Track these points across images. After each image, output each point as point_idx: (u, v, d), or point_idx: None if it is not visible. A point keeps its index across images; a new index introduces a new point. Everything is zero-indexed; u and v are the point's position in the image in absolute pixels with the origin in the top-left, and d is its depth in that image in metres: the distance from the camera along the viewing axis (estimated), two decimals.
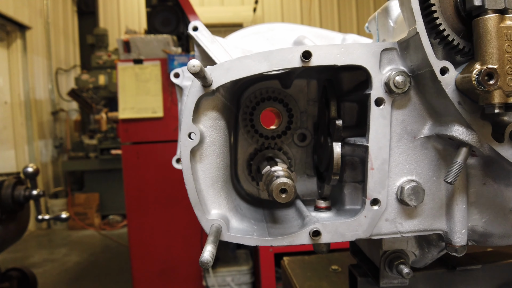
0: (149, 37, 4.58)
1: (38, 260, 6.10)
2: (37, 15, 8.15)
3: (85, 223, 7.53)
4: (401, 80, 0.81)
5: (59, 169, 8.55)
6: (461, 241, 0.86)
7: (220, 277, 4.15)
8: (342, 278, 1.72)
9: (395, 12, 1.02)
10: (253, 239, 0.85)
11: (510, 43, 0.69)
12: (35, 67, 8.05)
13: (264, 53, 0.82)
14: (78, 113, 8.90)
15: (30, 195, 2.20)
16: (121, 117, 4.25)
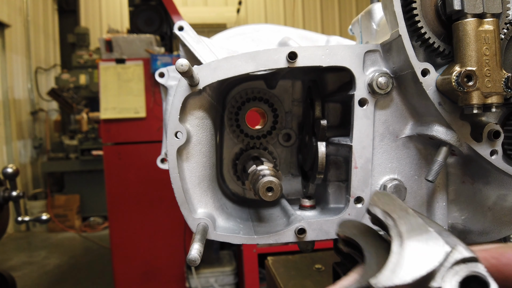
0: (132, 36, 4.54)
1: (17, 263, 5.97)
2: (16, 13, 7.97)
3: (65, 225, 7.40)
4: (384, 81, 0.83)
5: (39, 170, 8.37)
6: None
7: (203, 278, 4.14)
8: (325, 277, 1.75)
9: (378, 15, 1.05)
10: (239, 237, 0.86)
11: (488, 46, 0.71)
12: (14, 66, 7.87)
13: (251, 53, 0.83)
14: (58, 113, 8.74)
15: (10, 196, 2.15)
16: (103, 117, 4.19)
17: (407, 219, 0.47)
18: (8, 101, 7.59)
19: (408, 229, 0.46)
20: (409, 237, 0.45)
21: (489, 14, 0.72)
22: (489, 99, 0.72)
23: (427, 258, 0.43)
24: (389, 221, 0.48)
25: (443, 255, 0.43)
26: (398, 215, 0.48)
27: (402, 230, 0.46)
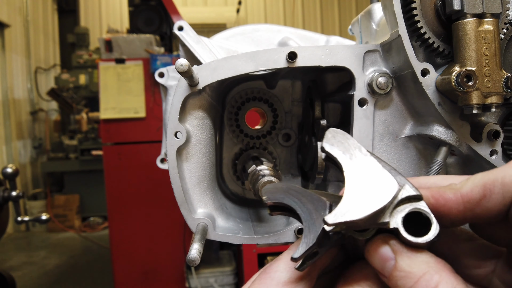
0: (132, 36, 4.54)
1: (17, 263, 5.97)
2: (16, 13, 7.97)
3: (65, 225, 7.40)
4: (383, 81, 0.83)
5: (38, 170, 8.37)
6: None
7: (203, 278, 4.14)
8: None
9: (378, 15, 1.05)
10: (239, 237, 0.86)
11: (488, 46, 0.71)
12: (13, 66, 7.87)
13: (251, 53, 0.83)
14: (58, 113, 8.74)
15: (9, 196, 2.15)
16: (103, 117, 4.20)
17: (360, 158, 0.49)
18: (8, 101, 7.59)
19: (361, 167, 0.48)
20: (362, 174, 0.47)
21: (488, 14, 0.72)
22: (489, 99, 0.72)
23: (378, 196, 0.45)
24: (342, 159, 0.49)
25: (393, 193, 0.45)
26: (351, 154, 0.49)
27: (355, 168, 0.48)
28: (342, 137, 0.51)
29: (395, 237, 0.46)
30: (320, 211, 0.49)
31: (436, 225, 0.44)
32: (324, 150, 0.51)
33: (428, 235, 0.44)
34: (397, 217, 0.45)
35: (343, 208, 0.45)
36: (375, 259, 0.46)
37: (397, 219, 0.45)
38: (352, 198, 0.46)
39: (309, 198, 0.51)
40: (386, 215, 0.45)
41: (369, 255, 0.47)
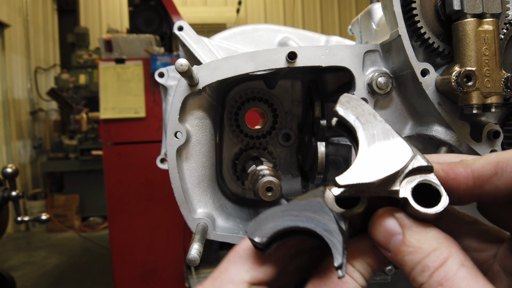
0: (132, 36, 4.54)
1: (17, 263, 5.97)
2: (16, 13, 7.97)
3: (65, 225, 7.40)
4: (383, 81, 0.83)
5: (38, 170, 8.37)
6: None
7: (203, 278, 4.13)
8: None
9: (378, 15, 1.05)
10: (239, 237, 0.86)
11: (488, 46, 0.71)
12: (13, 65, 7.87)
13: (251, 53, 0.83)
14: (58, 113, 8.73)
15: (9, 196, 2.15)
16: (103, 117, 4.19)
17: (375, 124, 0.47)
18: (8, 101, 7.59)
19: (376, 132, 0.47)
20: (377, 140, 0.46)
21: (488, 14, 0.72)
22: (489, 99, 0.72)
23: (392, 161, 0.44)
24: (356, 123, 0.47)
25: (407, 159, 0.44)
26: (366, 119, 0.48)
27: (369, 133, 0.46)
28: (356, 103, 0.49)
29: (400, 210, 0.45)
30: (320, 212, 0.47)
31: (446, 197, 0.43)
32: (338, 114, 0.48)
33: (437, 207, 0.42)
34: (407, 187, 0.43)
35: (355, 170, 0.43)
36: (379, 233, 0.45)
37: (407, 189, 0.43)
38: (365, 161, 0.44)
39: (299, 207, 0.47)
40: (396, 184, 0.44)
41: (373, 229, 0.45)
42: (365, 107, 0.48)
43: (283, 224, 0.45)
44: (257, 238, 0.45)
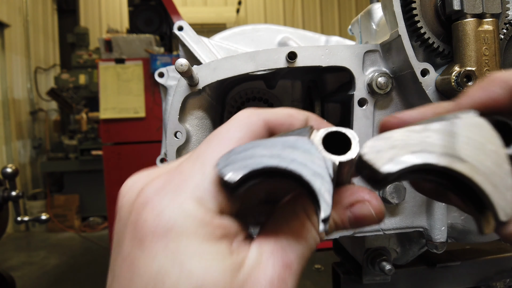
0: (131, 36, 4.54)
1: (17, 263, 5.97)
2: (16, 13, 7.97)
3: (65, 225, 7.40)
4: (383, 81, 0.83)
5: (38, 170, 8.37)
6: (441, 238, 0.88)
7: None
8: (325, 277, 1.75)
9: (378, 15, 1.05)
10: None
11: (488, 46, 0.71)
12: (13, 65, 7.87)
13: (251, 53, 0.83)
14: (58, 113, 8.73)
15: (9, 196, 2.15)
16: (102, 117, 4.20)
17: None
18: (8, 101, 7.59)
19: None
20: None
21: (488, 14, 0.72)
22: None
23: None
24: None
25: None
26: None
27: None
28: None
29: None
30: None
31: (356, 142, 0.38)
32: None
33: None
34: (316, 135, 0.39)
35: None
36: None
37: (318, 137, 0.39)
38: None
39: (283, 143, 0.38)
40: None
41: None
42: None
43: (263, 162, 0.37)
44: (229, 174, 0.37)
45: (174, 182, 0.41)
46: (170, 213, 0.39)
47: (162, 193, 0.40)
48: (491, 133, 0.35)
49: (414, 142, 0.34)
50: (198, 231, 0.39)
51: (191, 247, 0.39)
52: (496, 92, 0.40)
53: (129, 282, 0.39)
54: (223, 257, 0.40)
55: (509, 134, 0.37)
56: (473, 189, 0.34)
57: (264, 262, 0.41)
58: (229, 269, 0.39)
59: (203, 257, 0.39)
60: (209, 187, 0.40)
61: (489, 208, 0.33)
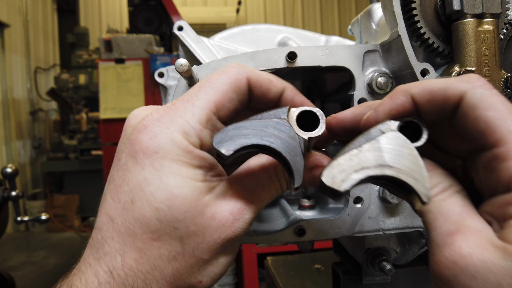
0: (131, 36, 4.54)
1: (17, 263, 5.97)
2: (15, 13, 7.97)
3: (65, 225, 7.40)
4: (383, 81, 0.83)
5: (38, 170, 8.37)
6: None
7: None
8: (324, 277, 1.75)
9: (378, 15, 1.05)
10: None
11: (487, 46, 0.71)
12: (13, 65, 7.87)
13: (250, 53, 0.83)
14: (58, 113, 8.73)
15: (9, 196, 2.15)
16: (102, 117, 4.20)
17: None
18: (8, 101, 7.59)
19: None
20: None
21: (488, 14, 0.72)
22: None
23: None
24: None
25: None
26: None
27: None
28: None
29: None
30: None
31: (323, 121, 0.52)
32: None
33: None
34: (294, 113, 0.52)
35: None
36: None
37: (295, 115, 0.52)
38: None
39: (266, 125, 0.50)
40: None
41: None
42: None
43: (251, 140, 0.48)
44: (223, 150, 0.48)
45: (169, 116, 0.51)
46: (160, 139, 0.50)
47: (158, 123, 0.51)
48: (404, 139, 0.48)
49: (355, 163, 0.46)
50: (180, 156, 0.50)
51: (171, 167, 0.49)
52: (400, 99, 0.50)
53: (120, 186, 0.51)
54: (195, 180, 0.50)
55: (417, 130, 0.50)
56: (402, 184, 0.47)
57: (230, 195, 0.52)
58: (198, 190, 0.50)
59: (179, 176, 0.49)
60: (195, 125, 0.51)
61: (415, 195, 0.46)
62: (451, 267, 0.43)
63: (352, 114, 0.56)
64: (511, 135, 0.43)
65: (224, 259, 0.53)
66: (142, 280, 0.49)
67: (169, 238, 0.49)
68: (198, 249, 0.50)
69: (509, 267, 0.40)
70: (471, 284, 0.41)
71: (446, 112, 0.48)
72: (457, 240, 0.43)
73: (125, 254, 0.49)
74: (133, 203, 0.49)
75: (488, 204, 0.46)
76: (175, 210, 0.49)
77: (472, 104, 0.45)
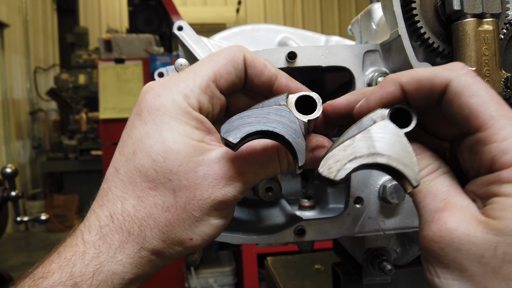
0: (131, 36, 4.54)
1: (16, 263, 5.96)
2: (15, 13, 7.96)
3: (64, 225, 7.39)
4: None
5: (38, 170, 8.36)
6: None
7: (202, 279, 4.14)
8: (325, 277, 1.75)
9: (378, 15, 1.05)
10: (239, 237, 0.86)
11: (487, 46, 0.71)
12: (13, 65, 7.86)
13: None
14: (57, 113, 8.73)
15: (9, 196, 2.15)
16: (102, 117, 4.20)
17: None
18: (7, 101, 7.58)
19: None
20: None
21: (488, 14, 0.72)
22: None
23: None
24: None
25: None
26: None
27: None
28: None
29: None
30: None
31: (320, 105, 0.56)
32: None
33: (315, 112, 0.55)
34: (293, 98, 0.56)
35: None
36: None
37: (293, 100, 0.56)
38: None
39: (267, 112, 0.53)
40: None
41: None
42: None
43: (255, 127, 0.52)
44: (231, 138, 0.51)
45: (173, 81, 0.58)
46: (163, 99, 0.56)
47: (163, 86, 0.57)
48: (393, 127, 0.51)
49: (349, 153, 0.50)
50: (179, 115, 0.55)
51: (171, 124, 0.54)
52: (390, 88, 0.53)
53: (126, 140, 0.57)
54: (191, 138, 0.55)
55: (407, 115, 0.53)
56: (393, 169, 0.50)
57: (225, 161, 0.55)
58: (192, 148, 0.54)
59: (176, 132, 0.54)
60: (195, 89, 0.56)
61: (406, 179, 0.49)
62: (438, 241, 0.46)
63: (346, 101, 0.60)
64: (493, 121, 0.46)
65: (216, 221, 0.57)
66: (138, 226, 0.53)
67: (163, 189, 0.54)
68: (190, 205, 0.54)
69: (491, 240, 0.43)
70: (456, 256, 0.45)
71: (433, 99, 0.51)
72: (444, 216, 0.47)
73: (125, 200, 0.54)
74: (134, 154, 0.55)
75: (472, 184, 0.50)
76: (169, 162, 0.53)
77: (457, 91, 0.48)
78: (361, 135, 0.51)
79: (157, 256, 0.56)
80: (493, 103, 0.47)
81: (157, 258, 0.56)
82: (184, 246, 0.56)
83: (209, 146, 0.56)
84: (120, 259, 0.53)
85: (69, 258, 0.52)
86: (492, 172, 0.46)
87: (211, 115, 0.60)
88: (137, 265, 0.54)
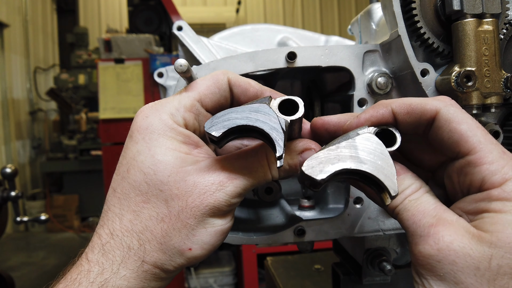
0: (131, 36, 4.54)
1: (16, 263, 5.95)
2: (15, 13, 7.95)
3: (64, 225, 7.39)
4: (383, 82, 0.83)
5: (37, 170, 8.36)
6: None
7: (202, 279, 4.14)
8: (324, 277, 1.75)
9: (378, 15, 1.04)
10: (238, 237, 0.85)
11: (487, 46, 0.71)
12: (12, 65, 7.85)
13: (250, 53, 0.83)
14: (57, 113, 8.72)
15: (8, 196, 2.15)
16: (102, 117, 4.19)
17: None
18: (7, 101, 7.57)
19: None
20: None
21: (488, 14, 0.71)
22: (489, 99, 0.72)
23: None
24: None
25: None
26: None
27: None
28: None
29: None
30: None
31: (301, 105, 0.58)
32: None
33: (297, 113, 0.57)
34: (276, 101, 0.58)
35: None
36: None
37: (276, 103, 0.57)
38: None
39: (250, 109, 0.56)
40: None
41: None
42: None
43: (237, 122, 0.54)
44: (214, 132, 0.54)
45: (160, 103, 0.63)
46: (151, 119, 0.60)
47: (150, 108, 0.62)
48: (377, 141, 0.54)
49: (332, 157, 0.52)
50: (166, 132, 0.59)
51: (159, 140, 0.59)
52: (381, 110, 0.57)
53: (121, 162, 0.61)
54: (179, 151, 0.59)
55: (392, 137, 0.57)
56: (373, 179, 0.52)
57: (214, 169, 0.58)
58: (180, 159, 0.58)
59: (164, 147, 0.58)
60: (181, 108, 0.61)
61: (384, 189, 0.52)
62: (435, 254, 0.48)
63: (337, 119, 0.63)
64: (481, 145, 0.50)
65: (213, 229, 0.58)
66: (137, 240, 0.56)
67: (156, 200, 0.57)
68: (183, 213, 0.56)
69: (485, 252, 0.45)
70: (452, 268, 0.47)
71: (422, 125, 0.55)
72: (439, 230, 0.49)
73: (122, 217, 0.57)
74: (128, 172, 0.58)
75: (461, 201, 0.53)
76: (159, 173, 0.57)
77: (447, 118, 0.52)
78: (346, 142, 0.54)
79: (160, 269, 0.57)
80: (479, 130, 0.51)
81: (160, 272, 0.57)
82: (184, 257, 0.57)
83: (197, 158, 0.60)
84: (124, 274, 0.54)
85: (74, 277, 0.54)
86: (482, 191, 0.50)
87: (198, 131, 0.64)
88: (141, 280, 0.55)
